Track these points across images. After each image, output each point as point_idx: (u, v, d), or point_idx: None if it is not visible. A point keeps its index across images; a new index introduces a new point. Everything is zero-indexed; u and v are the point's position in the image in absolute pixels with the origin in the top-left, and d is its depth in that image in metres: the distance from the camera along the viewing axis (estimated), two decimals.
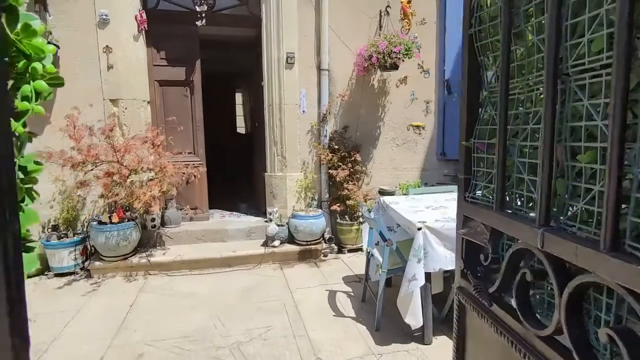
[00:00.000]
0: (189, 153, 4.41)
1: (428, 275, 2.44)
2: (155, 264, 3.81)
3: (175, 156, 4.23)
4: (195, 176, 4.22)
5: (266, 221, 4.48)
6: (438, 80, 4.68)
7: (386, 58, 4.02)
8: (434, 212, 2.75)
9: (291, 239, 4.25)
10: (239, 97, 9.68)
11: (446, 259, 2.43)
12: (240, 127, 9.63)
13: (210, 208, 5.06)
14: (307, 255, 4.17)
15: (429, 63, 4.65)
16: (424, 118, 4.75)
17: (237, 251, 4.03)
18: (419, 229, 2.38)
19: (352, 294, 3.35)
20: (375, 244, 3.26)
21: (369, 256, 3.13)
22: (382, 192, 4.54)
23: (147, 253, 3.91)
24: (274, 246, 4.12)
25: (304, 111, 4.43)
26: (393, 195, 4.54)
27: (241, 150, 7.39)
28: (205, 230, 4.31)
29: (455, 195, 3.10)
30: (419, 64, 4.62)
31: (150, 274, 3.80)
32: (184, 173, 4.14)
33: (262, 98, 4.55)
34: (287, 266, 4.03)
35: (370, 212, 3.33)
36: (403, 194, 4.53)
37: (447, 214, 2.66)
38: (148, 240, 4.13)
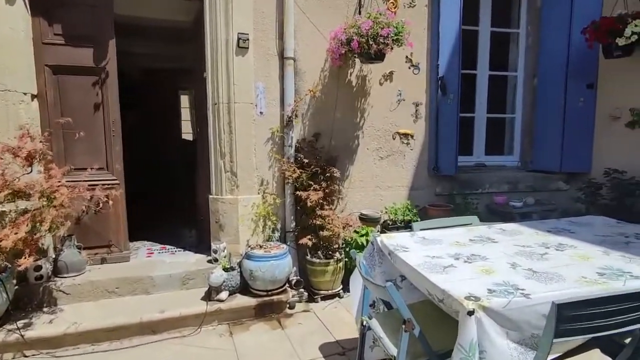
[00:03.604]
0: (98, 169, 3.12)
1: None
2: (35, 341, 2.49)
3: (76, 174, 2.96)
4: (107, 201, 2.96)
5: (210, 261, 3.29)
6: (430, 78, 3.78)
7: (370, 43, 3.02)
8: (470, 267, 1.76)
9: (245, 288, 3.09)
10: (185, 99, 8.37)
11: (512, 357, 1.43)
12: (187, 134, 8.28)
13: (135, 240, 3.81)
14: (268, 310, 3.04)
15: (418, 56, 3.73)
16: (412, 124, 3.81)
17: (167, 310, 2.81)
18: (470, 312, 1.37)
19: None
20: (370, 305, 2.22)
21: (365, 330, 2.07)
22: (364, 219, 3.54)
23: (23, 322, 2.58)
24: (220, 300, 2.94)
25: (261, 112, 3.32)
26: (377, 221, 3.57)
27: (187, 162, 6.11)
28: (121, 278, 3.03)
29: (482, 231, 2.04)
30: (407, 57, 3.69)
31: (25, 356, 2.49)
32: (89, 198, 2.88)
33: (205, 95, 3.38)
34: (240, 329, 2.86)
35: (360, 252, 2.30)
36: (393, 222, 3.55)
37: (495, 271, 1.68)
38: (30, 300, 2.80)
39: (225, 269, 3.01)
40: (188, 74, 5.23)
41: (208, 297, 2.99)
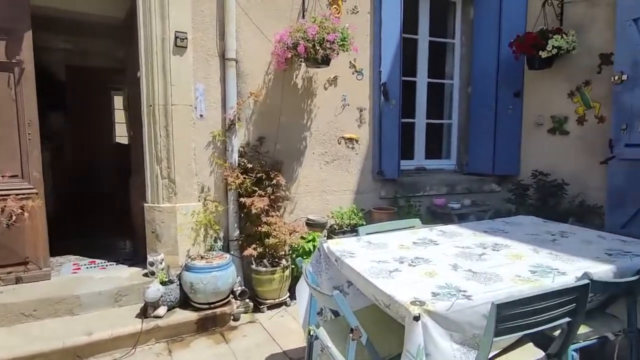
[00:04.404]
0: (11, 177, 2.78)
1: None
2: None
3: None
4: (22, 213, 2.64)
5: (146, 274, 3.05)
6: (373, 84, 3.85)
7: (317, 48, 3.01)
8: (414, 270, 1.77)
9: (185, 302, 2.91)
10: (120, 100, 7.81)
11: (455, 358, 1.45)
12: (122, 137, 7.72)
13: (60, 254, 3.46)
14: (210, 324, 2.88)
15: (362, 62, 3.79)
16: (357, 129, 3.85)
17: (96, 332, 2.55)
18: (416, 317, 1.37)
19: None
20: (318, 313, 2.18)
21: (312, 339, 2.02)
22: (311, 224, 3.50)
23: None
24: (157, 316, 2.73)
25: (201, 115, 3.16)
26: (324, 227, 3.54)
27: (121, 168, 5.68)
28: (41, 299, 2.70)
29: (424, 233, 2.12)
30: (350, 62, 3.72)
31: None
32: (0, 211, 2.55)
33: (139, 96, 3.15)
34: (180, 346, 2.67)
35: (309, 260, 2.24)
36: (339, 227, 3.54)
37: (438, 273, 1.71)
38: None
39: (163, 283, 2.81)
40: (121, 73, 4.89)
41: (144, 314, 2.76)
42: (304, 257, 3.10)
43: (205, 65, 3.17)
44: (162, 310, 2.74)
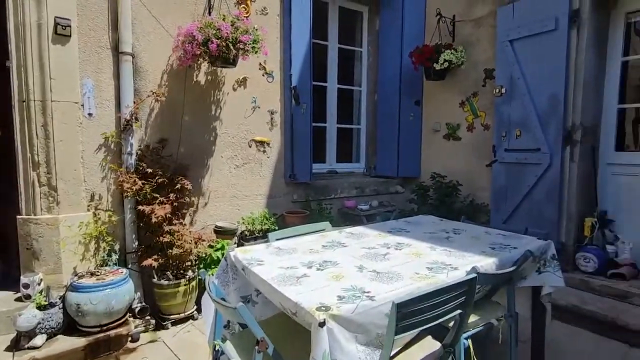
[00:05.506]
0: None
1: None
2: None
3: None
4: None
5: (19, 299, 2.60)
6: (284, 87, 3.82)
7: (230, 47, 2.88)
8: (322, 275, 1.76)
9: (71, 326, 2.53)
10: None
11: None
12: None
13: None
14: (103, 349, 2.55)
15: (272, 64, 3.74)
16: (268, 132, 3.78)
17: None
18: (322, 323, 1.34)
19: None
20: (225, 326, 2.06)
21: (218, 355, 1.89)
22: (220, 231, 3.33)
23: None
24: (34, 347, 2.33)
25: (90, 114, 2.80)
26: (234, 233, 3.41)
27: None
28: None
29: (334, 236, 2.16)
30: (260, 64, 3.65)
31: None
32: None
33: (9, 89, 2.67)
34: None
35: (211, 274, 2.11)
36: (250, 233, 3.44)
37: (345, 276, 1.73)
38: None
39: (41, 307, 2.41)
40: None
41: (16, 345, 2.34)
42: (213, 267, 2.94)
43: (96, 58, 2.83)
44: (39, 340, 2.35)
